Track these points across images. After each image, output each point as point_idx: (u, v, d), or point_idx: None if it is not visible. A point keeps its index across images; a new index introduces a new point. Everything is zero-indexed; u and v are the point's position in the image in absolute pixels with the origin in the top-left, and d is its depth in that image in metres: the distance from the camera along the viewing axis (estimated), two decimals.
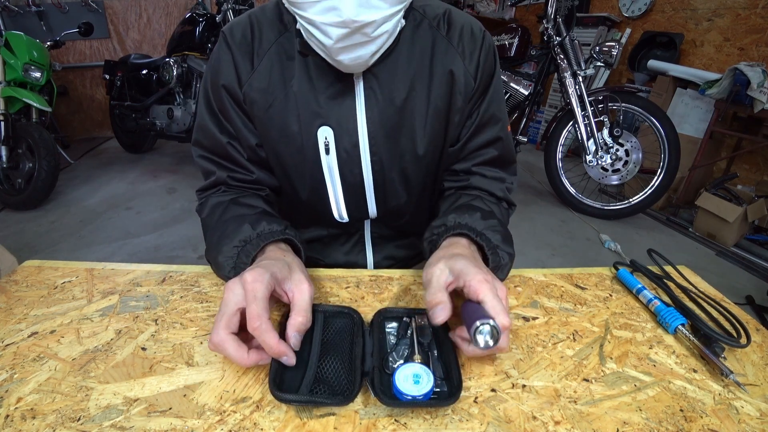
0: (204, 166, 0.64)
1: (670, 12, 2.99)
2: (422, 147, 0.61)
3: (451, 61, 0.58)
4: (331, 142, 0.59)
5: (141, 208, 2.50)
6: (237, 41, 0.57)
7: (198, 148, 0.64)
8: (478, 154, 0.64)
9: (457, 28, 0.59)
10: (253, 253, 0.49)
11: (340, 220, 0.67)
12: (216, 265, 0.53)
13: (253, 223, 0.51)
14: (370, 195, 0.64)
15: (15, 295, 0.52)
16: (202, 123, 0.62)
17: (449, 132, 0.62)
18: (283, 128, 0.59)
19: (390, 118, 0.58)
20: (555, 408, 0.39)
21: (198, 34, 2.78)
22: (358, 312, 0.48)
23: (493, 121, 0.63)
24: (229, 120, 0.60)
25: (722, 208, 2.14)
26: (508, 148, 0.66)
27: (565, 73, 2.31)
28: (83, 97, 4.07)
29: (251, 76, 0.57)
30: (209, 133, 0.61)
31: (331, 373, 0.41)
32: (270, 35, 0.57)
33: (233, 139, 0.61)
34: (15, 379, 0.39)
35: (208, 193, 0.64)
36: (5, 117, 2.31)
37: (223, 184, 0.63)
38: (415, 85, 0.58)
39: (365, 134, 0.59)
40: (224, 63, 0.57)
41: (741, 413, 0.39)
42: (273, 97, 0.57)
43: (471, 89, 0.59)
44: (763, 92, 2.11)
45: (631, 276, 0.58)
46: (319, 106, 0.57)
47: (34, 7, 3.55)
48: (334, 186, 0.63)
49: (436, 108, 0.59)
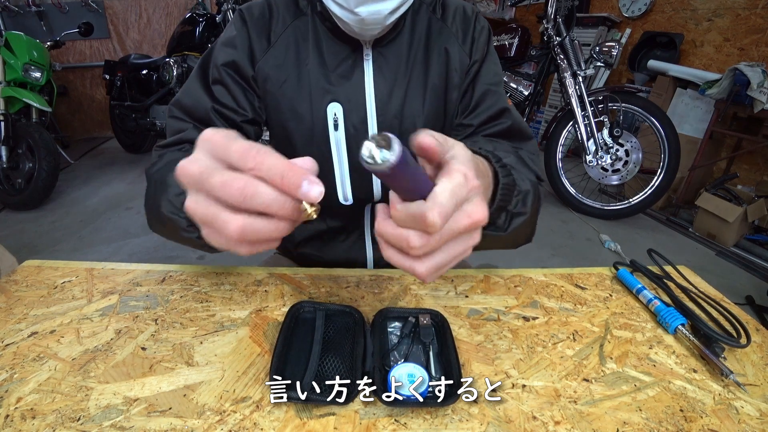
0: (175, 125, 0.58)
1: (670, 12, 2.99)
2: (421, 123, 0.62)
3: (446, 40, 0.62)
4: (340, 118, 0.60)
5: (141, 208, 2.48)
6: (255, 19, 0.59)
7: (175, 107, 0.59)
8: (488, 127, 0.62)
9: (451, 10, 0.63)
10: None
11: (344, 203, 0.67)
12: (160, 187, 0.42)
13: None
14: None
15: (15, 295, 0.52)
16: (189, 85, 0.59)
17: (448, 110, 0.64)
18: (294, 105, 0.60)
19: (395, 96, 0.61)
20: (555, 408, 0.39)
21: (198, 34, 2.78)
22: (359, 311, 0.48)
23: (493, 93, 0.63)
24: (226, 88, 0.58)
25: (722, 208, 2.14)
26: (519, 119, 0.63)
27: (565, 73, 2.31)
28: (83, 97, 4.07)
29: (267, 53, 0.59)
30: (194, 95, 0.58)
31: (331, 371, 0.41)
32: (287, 17, 0.60)
33: (220, 106, 0.57)
34: (15, 379, 0.39)
35: (166, 150, 0.56)
36: (5, 117, 2.31)
37: (190, 142, 0.55)
38: (415, 66, 0.61)
39: (373, 110, 0.61)
40: (239, 39, 0.58)
41: (741, 413, 0.39)
42: (287, 74, 0.59)
43: (466, 65, 0.62)
44: (763, 92, 2.11)
45: (631, 276, 0.58)
46: (329, 83, 0.59)
47: (34, 7, 3.56)
48: (341, 163, 0.64)
49: (433, 86, 0.62)
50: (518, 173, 0.43)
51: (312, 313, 0.48)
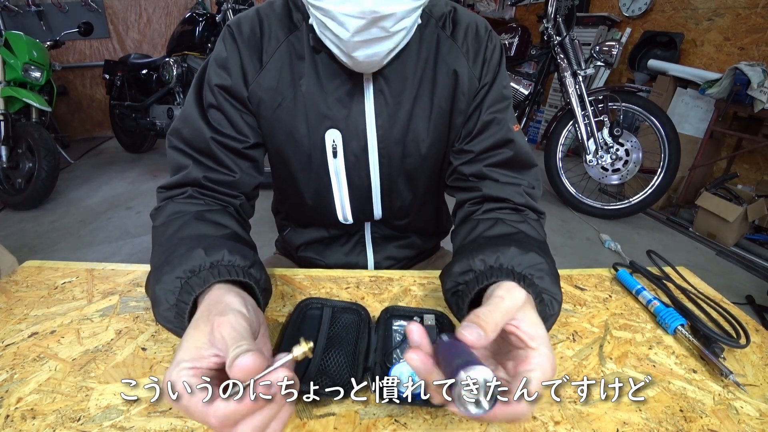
0: (176, 159, 0.55)
1: (670, 11, 2.98)
2: (425, 148, 0.59)
3: (454, 60, 0.57)
4: (339, 145, 0.57)
5: (141, 208, 2.50)
6: (245, 37, 0.54)
7: (174, 137, 0.56)
8: (489, 155, 0.58)
9: (462, 27, 0.57)
10: (195, 292, 0.37)
11: (344, 222, 0.67)
12: (153, 299, 0.39)
13: (208, 248, 0.40)
14: (376, 197, 0.64)
15: (15, 296, 0.52)
16: (187, 112, 0.56)
17: (452, 134, 0.60)
18: (290, 130, 0.57)
19: (398, 120, 0.57)
20: (555, 408, 0.39)
21: (198, 34, 2.78)
22: (365, 309, 0.49)
23: (498, 121, 0.58)
24: (223, 114, 0.55)
25: (722, 208, 2.14)
26: (522, 149, 0.58)
27: (565, 73, 2.31)
28: (83, 97, 4.07)
29: (259, 75, 0.55)
30: (193, 124, 0.55)
31: (334, 366, 0.41)
32: (279, 33, 0.55)
33: (220, 136, 0.55)
34: (15, 379, 0.39)
35: (170, 194, 0.54)
36: (5, 117, 2.31)
37: (193, 184, 0.54)
38: (422, 86, 0.57)
39: (374, 138, 0.57)
40: (230, 60, 0.54)
41: (740, 413, 0.39)
42: (281, 97, 0.55)
43: (475, 89, 0.58)
44: (763, 92, 2.11)
45: (630, 277, 0.58)
46: (327, 108, 0.55)
47: (34, 7, 3.56)
48: (340, 189, 0.62)
49: (439, 108, 0.58)
50: (548, 296, 0.40)
51: (319, 310, 0.49)
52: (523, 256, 0.41)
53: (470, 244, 0.50)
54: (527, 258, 0.41)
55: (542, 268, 0.41)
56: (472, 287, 0.40)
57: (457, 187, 0.61)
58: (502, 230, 0.50)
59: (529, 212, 0.55)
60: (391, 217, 0.68)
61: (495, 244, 0.44)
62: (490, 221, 0.51)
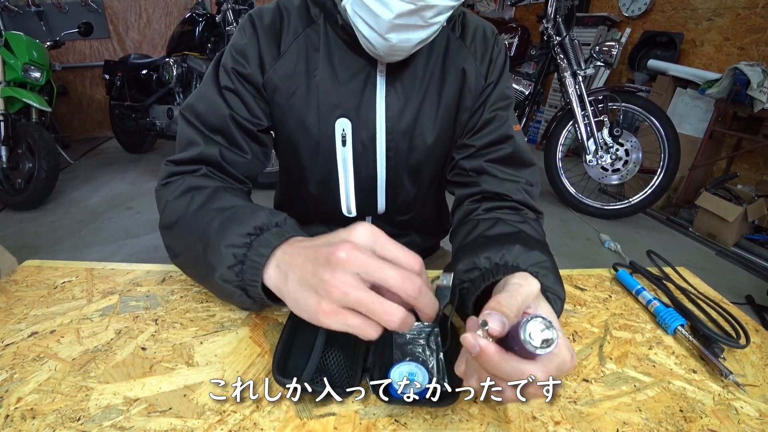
0: (188, 134, 0.54)
1: (670, 12, 2.99)
2: (431, 141, 0.62)
3: (463, 59, 0.60)
4: (348, 133, 0.59)
5: (141, 208, 2.50)
6: (265, 25, 0.56)
7: (188, 112, 0.55)
8: (489, 151, 0.61)
9: (471, 29, 0.61)
10: (274, 244, 0.38)
11: (347, 215, 0.67)
12: (205, 260, 0.41)
13: (270, 212, 0.43)
14: (381, 190, 0.65)
15: (15, 295, 0.52)
16: (203, 90, 0.57)
17: (456, 129, 0.63)
18: (302, 118, 0.59)
19: (407, 114, 0.60)
20: (555, 408, 0.39)
21: (198, 34, 2.78)
22: None
23: (500, 118, 0.61)
24: (239, 97, 0.57)
25: (722, 208, 2.14)
26: (521, 147, 0.61)
27: (565, 73, 2.31)
28: (83, 97, 4.07)
29: (277, 62, 0.57)
30: (211, 100, 0.55)
31: (333, 364, 0.41)
32: (298, 25, 0.57)
33: (237, 114, 0.56)
34: (15, 379, 0.39)
35: (180, 169, 0.53)
36: (5, 117, 2.31)
37: (207, 162, 0.54)
38: (431, 82, 0.60)
39: (383, 128, 0.60)
40: (248, 47, 0.56)
41: (740, 413, 0.39)
42: (296, 86, 0.58)
43: (481, 87, 0.61)
44: (763, 92, 2.11)
45: (630, 277, 0.58)
46: (339, 98, 0.58)
47: (34, 7, 3.55)
48: (346, 179, 0.63)
49: (446, 104, 0.61)
50: (552, 294, 0.41)
51: None
52: (528, 253, 0.42)
53: (472, 243, 0.50)
54: (531, 256, 0.42)
55: (546, 265, 0.42)
56: (479, 285, 0.41)
57: (458, 182, 0.64)
58: (504, 230, 0.50)
59: (527, 212, 0.57)
60: (393, 211, 0.69)
61: (499, 242, 0.44)
62: (491, 221, 0.52)
